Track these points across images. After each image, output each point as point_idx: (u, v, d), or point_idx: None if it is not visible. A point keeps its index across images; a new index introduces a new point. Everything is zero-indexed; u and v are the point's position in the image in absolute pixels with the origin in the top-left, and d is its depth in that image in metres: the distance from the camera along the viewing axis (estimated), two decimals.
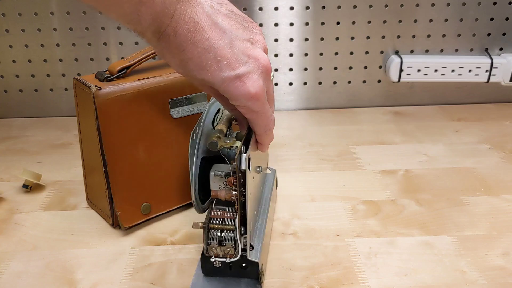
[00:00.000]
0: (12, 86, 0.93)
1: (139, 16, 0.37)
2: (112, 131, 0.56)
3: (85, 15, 0.88)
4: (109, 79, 0.57)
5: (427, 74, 0.93)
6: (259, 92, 0.43)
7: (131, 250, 0.57)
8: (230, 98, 0.43)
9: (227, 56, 0.41)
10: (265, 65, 0.43)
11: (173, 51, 0.40)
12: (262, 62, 0.43)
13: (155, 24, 0.39)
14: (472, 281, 0.52)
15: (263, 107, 0.44)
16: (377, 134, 0.86)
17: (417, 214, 0.63)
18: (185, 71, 0.42)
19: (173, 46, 0.40)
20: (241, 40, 0.42)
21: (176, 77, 0.59)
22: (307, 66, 0.95)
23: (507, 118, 0.92)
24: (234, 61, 0.41)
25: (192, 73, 0.42)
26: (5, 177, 0.73)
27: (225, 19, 0.42)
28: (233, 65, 0.41)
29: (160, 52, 0.42)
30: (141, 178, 0.59)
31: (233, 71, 0.41)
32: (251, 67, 0.42)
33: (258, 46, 0.44)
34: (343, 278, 0.52)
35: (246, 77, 0.42)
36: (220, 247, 0.48)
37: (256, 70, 0.43)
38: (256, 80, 0.42)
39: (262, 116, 0.46)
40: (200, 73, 0.41)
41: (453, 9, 0.91)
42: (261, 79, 0.43)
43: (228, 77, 0.41)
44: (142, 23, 0.38)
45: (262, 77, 0.43)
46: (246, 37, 0.43)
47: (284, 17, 0.90)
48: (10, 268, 0.54)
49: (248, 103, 0.43)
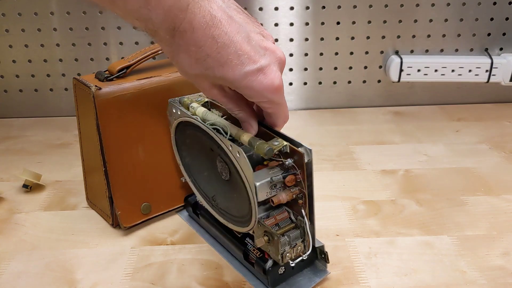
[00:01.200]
0: (12, 86, 0.93)
1: (149, 11, 0.36)
2: (112, 131, 0.56)
3: (85, 15, 0.88)
4: (109, 79, 0.57)
5: (427, 74, 0.93)
6: (281, 83, 0.42)
7: (131, 250, 0.57)
8: (252, 95, 0.42)
9: (247, 49, 0.40)
10: (281, 57, 0.43)
11: (190, 48, 0.38)
12: (279, 54, 0.43)
13: (169, 20, 0.37)
14: (472, 281, 0.52)
15: (284, 98, 0.44)
16: (377, 134, 0.86)
17: (417, 214, 0.63)
18: (201, 70, 0.40)
19: (191, 42, 0.38)
20: (255, 33, 0.41)
21: (176, 77, 0.59)
22: (307, 66, 0.95)
23: (507, 118, 0.92)
24: (254, 55, 0.40)
25: (210, 71, 0.40)
26: (5, 177, 0.73)
27: (236, 13, 0.41)
28: (254, 58, 0.40)
29: (172, 52, 0.40)
30: (141, 178, 0.59)
31: (254, 64, 0.40)
32: (269, 59, 0.42)
33: (269, 39, 0.43)
34: (343, 278, 0.52)
35: (267, 70, 0.41)
36: (292, 249, 0.47)
37: (275, 61, 0.42)
38: (276, 72, 0.42)
39: (284, 108, 0.45)
40: (220, 70, 0.40)
41: (453, 9, 0.91)
42: (279, 71, 0.43)
43: (250, 71, 0.40)
44: (153, 19, 0.36)
45: (279, 69, 0.43)
46: (258, 31, 0.42)
47: (284, 17, 0.90)
48: (10, 268, 0.54)
49: (272, 96, 0.42)
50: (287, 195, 0.46)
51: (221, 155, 0.48)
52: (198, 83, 0.43)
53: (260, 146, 0.43)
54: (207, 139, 0.49)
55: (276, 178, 0.45)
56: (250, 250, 0.51)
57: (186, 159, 0.56)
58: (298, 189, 0.46)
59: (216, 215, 0.54)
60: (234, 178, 0.48)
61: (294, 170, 0.45)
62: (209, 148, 0.50)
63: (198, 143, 0.52)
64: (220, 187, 0.52)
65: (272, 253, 0.48)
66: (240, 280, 0.52)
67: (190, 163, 0.56)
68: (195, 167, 0.55)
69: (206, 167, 0.53)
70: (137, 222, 0.60)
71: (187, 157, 0.56)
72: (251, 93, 0.42)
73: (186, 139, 0.54)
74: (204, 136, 0.49)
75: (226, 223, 0.52)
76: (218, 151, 0.48)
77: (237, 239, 0.54)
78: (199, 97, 0.53)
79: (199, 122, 0.48)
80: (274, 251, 0.47)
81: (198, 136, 0.50)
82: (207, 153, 0.51)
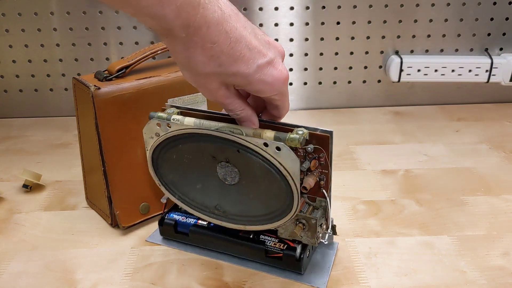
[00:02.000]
0: (12, 86, 0.93)
1: (162, 7, 0.35)
2: (111, 131, 0.56)
3: (85, 15, 0.88)
4: (108, 78, 0.57)
5: (427, 74, 0.93)
6: (288, 74, 0.43)
7: (131, 250, 0.57)
8: (264, 89, 0.42)
9: (256, 44, 0.41)
10: (282, 51, 0.44)
11: (205, 45, 0.38)
12: (280, 48, 0.44)
13: (183, 15, 0.36)
14: (472, 281, 0.51)
15: (288, 90, 0.45)
16: (377, 134, 0.86)
17: (417, 214, 0.63)
18: (214, 68, 0.40)
19: (206, 39, 0.38)
20: (256, 29, 0.42)
21: (175, 77, 0.59)
22: (307, 66, 0.95)
23: (507, 118, 0.92)
24: (262, 48, 0.41)
25: (224, 68, 0.40)
26: (5, 177, 0.73)
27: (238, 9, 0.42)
28: (263, 52, 0.41)
29: (187, 50, 0.39)
30: (139, 178, 0.59)
31: (264, 57, 0.41)
32: (274, 52, 0.43)
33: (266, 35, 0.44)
34: (343, 278, 0.52)
35: (275, 62, 0.42)
36: (321, 228, 0.51)
37: (278, 55, 0.43)
38: (282, 64, 0.43)
39: (287, 99, 0.46)
40: (234, 66, 0.40)
41: (453, 9, 0.91)
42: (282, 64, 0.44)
43: (262, 64, 0.41)
44: (167, 15, 0.36)
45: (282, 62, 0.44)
46: (255, 26, 0.43)
47: (284, 17, 0.90)
48: (10, 268, 0.54)
49: (283, 87, 0.43)
50: (313, 180, 0.48)
51: (229, 159, 0.48)
52: (207, 83, 0.42)
53: (293, 137, 0.45)
54: (212, 146, 0.48)
55: (306, 164, 0.47)
56: (271, 245, 0.52)
57: (169, 177, 0.53)
58: (319, 172, 0.48)
59: (222, 223, 0.53)
60: (251, 178, 0.48)
61: (314, 155, 0.47)
62: (209, 157, 0.49)
63: (193, 154, 0.50)
64: (225, 193, 0.51)
65: (307, 238, 0.50)
66: (240, 280, 0.52)
67: (176, 180, 0.53)
68: (183, 182, 0.53)
69: (201, 179, 0.51)
70: (136, 222, 0.60)
71: (170, 174, 0.53)
72: (264, 87, 0.42)
73: (172, 155, 0.51)
74: (207, 144, 0.48)
75: (239, 227, 0.52)
76: (226, 154, 0.48)
77: (250, 241, 0.53)
78: (170, 109, 0.51)
79: (210, 130, 0.47)
80: (311, 235, 0.50)
81: (196, 146, 0.49)
82: (205, 163, 0.50)
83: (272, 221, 0.50)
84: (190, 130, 0.48)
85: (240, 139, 0.46)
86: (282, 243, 0.52)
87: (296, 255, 0.51)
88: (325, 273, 0.53)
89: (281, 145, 0.44)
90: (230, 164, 0.48)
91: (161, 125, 0.49)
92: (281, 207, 0.48)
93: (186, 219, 0.57)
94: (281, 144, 0.44)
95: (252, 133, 0.46)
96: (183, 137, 0.49)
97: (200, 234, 0.56)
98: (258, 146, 0.45)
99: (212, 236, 0.55)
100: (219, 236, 0.55)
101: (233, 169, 0.48)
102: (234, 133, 0.46)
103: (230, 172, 0.49)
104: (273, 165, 0.45)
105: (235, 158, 0.47)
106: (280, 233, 0.51)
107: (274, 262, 0.53)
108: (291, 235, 0.51)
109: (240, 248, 0.54)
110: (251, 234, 0.53)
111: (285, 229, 0.51)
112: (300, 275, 0.52)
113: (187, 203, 0.54)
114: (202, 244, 0.57)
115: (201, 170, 0.51)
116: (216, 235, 0.55)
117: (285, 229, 0.51)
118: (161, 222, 0.57)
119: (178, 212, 0.58)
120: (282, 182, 0.46)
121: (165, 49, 0.61)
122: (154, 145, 0.51)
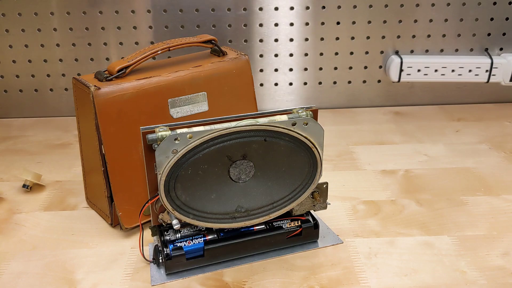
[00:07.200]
0: (12, 86, 0.93)
1: None
2: (111, 131, 0.56)
3: (85, 15, 0.88)
4: (108, 79, 0.57)
5: (427, 74, 0.93)
6: None
7: (131, 250, 0.57)
8: None
9: None
10: None
11: None
12: None
13: None
14: (472, 281, 0.52)
15: None
16: (377, 134, 0.86)
17: (417, 214, 0.63)
18: None
19: None
20: None
21: (175, 77, 0.59)
22: (307, 66, 0.95)
23: (507, 118, 0.92)
24: None
25: None
26: (5, 177, 0.73)
27: None
28: None
29: None
30: (141, 178, 0.59)
31: None
32: None
33: None
34: (343, 278, 0.52)
35: None
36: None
37: None
38: None
39: None
40: None
41: (453, 9, 0.91)
42: None
43: None
44: None
45: None
46: None
47: (284, 17, 0.90)
48: (10, 268, 0.54)
49: None
50: None
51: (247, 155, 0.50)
52: None
53: (305, 113, 0.50)
54: (233, 145, 0.48)
55: None
56: (287, 227, 0.56)
57: (181, 198, 0.49)
58: None
59: (246, 223, 0.52)
60: (268, 166, 0.51)
61: None
62: (223, 160, 0.48)
63: (209, 163, 0.48)
64: (243, 192, 0.51)
65: (319, 205, 0.57)
66: (240, 280, 0.52)
67: (189, 198, 0.50)
68: (197, 197, 0.50)
69: (214, 188, 0.50)
70: (138, 224, 0.60)
71: (182, 194, 0.49)
72: None
73: (187, 170, 0.48)
74: (228, 144, 0.48)
75: (264, 218, 0.53)
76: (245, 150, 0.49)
77: (268, 231, 0.55)
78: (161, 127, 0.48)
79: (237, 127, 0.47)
80: (323, 199, 0.56)
81: (215, 151, 0.48)
82: (218, 169, 0.49)
83: (295, 198, 0.53)
84: (217, 133, 0.47)
85: (271, 126, 0.49)
86: (295, 221, 0.56)
87: (312, 223, 0.56)
88: (330, 233, 0.59)
89: (308, 119, 0.49)
90: (245, 160, 0.50)
91: (179, 139, 0.47)
92: (303, 181, 0.53)
93: (191, 241, 0.53)
94: (308, 119, 0.49)
95: (268, 120, 0.50)
96: (205, 143, 0.47)
97: (216, 249, 0.53)
98: (287, 128, 0.49)
99: (228, 245, 0.53)
100: (235, 242, 0.54)
101: (248, 164, 0.50)
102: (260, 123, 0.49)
103: (244, 168, 0.50)
104: (298, 142, 0.50)
105: (254, 151, 0.50)
106: (296, 210, 0.55)
107: (293, 241, 0.56)
108: (306, 208, 0.56)
109: (259, 243, 0.55)
110: (266, 226, 0.55)
111: (301, 205, 0.55)
112: (316, 244, 0.57)
113: (203, 218, 0.51)
114: (219, 259, 0.54)
115: (214, 179, 0.50)
116: (232, 243, 0.53)
117: (301, 205, 0.55)
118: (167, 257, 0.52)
119: (168, 242, 0.52)
120: (305, 156, 0.51)
121: (165, 49, 0.61)
122: (170, 164, 0.47)
